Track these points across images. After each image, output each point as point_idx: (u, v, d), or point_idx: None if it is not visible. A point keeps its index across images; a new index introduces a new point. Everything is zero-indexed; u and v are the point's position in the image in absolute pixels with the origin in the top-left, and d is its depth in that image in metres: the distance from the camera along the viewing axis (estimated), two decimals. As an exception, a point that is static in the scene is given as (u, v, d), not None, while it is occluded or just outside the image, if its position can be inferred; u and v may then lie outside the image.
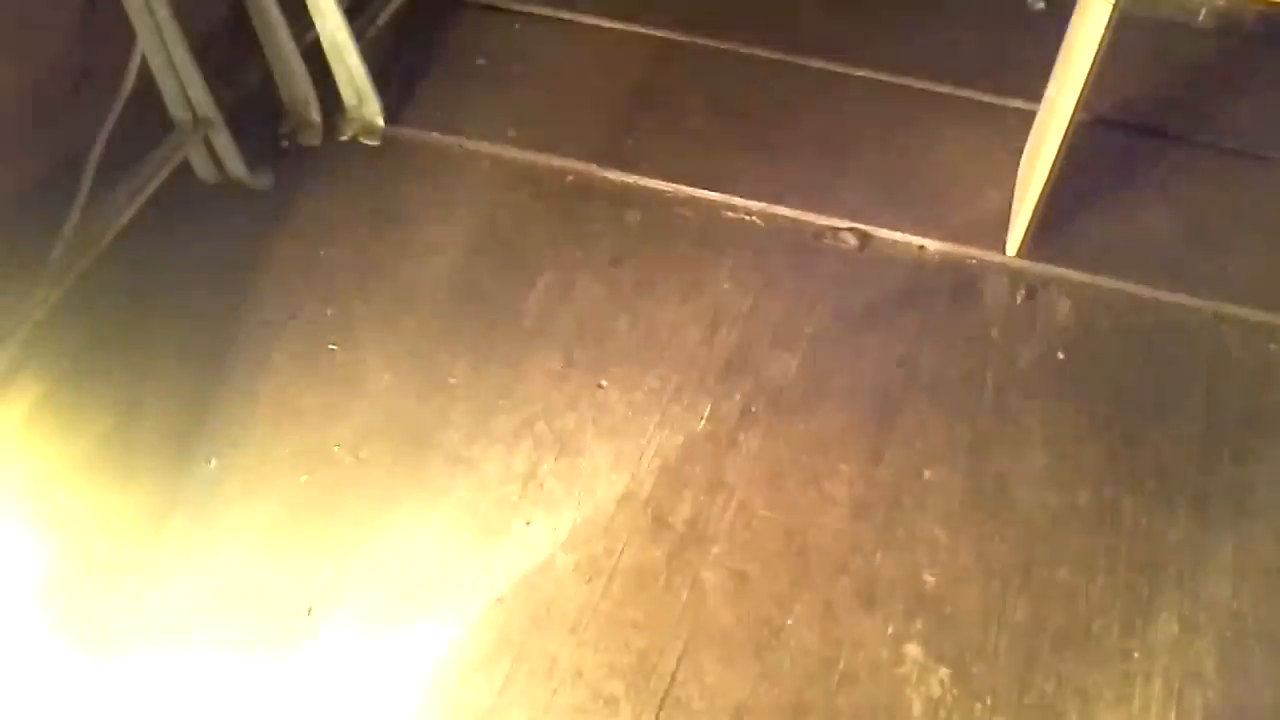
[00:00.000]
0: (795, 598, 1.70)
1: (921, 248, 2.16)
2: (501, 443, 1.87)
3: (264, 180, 2.25)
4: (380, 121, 2.34)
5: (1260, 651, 1.64)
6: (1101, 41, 1.71)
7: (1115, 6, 1.67)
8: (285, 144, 2.32)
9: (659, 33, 2.57)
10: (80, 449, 1.84)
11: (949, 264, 2.14)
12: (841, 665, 1.63)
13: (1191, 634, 1.66)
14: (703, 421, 1.90)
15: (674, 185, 2.25)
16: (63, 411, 1.88)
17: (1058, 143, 1.88)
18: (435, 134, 2.36)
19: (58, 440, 1.85)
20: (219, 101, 2.14)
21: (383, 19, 2.46)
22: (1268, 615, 1.67)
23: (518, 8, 2.63)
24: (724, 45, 2.54)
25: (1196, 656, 1.64)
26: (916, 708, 1.60)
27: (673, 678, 1.62)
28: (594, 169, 2.29)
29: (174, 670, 1.63)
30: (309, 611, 1.68)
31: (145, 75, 2.03)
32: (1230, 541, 1.75)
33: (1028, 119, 2.25)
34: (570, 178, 2.28)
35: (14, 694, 1.61)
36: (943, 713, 1.59)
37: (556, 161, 2.30)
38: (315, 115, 2.32)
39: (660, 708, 1.59)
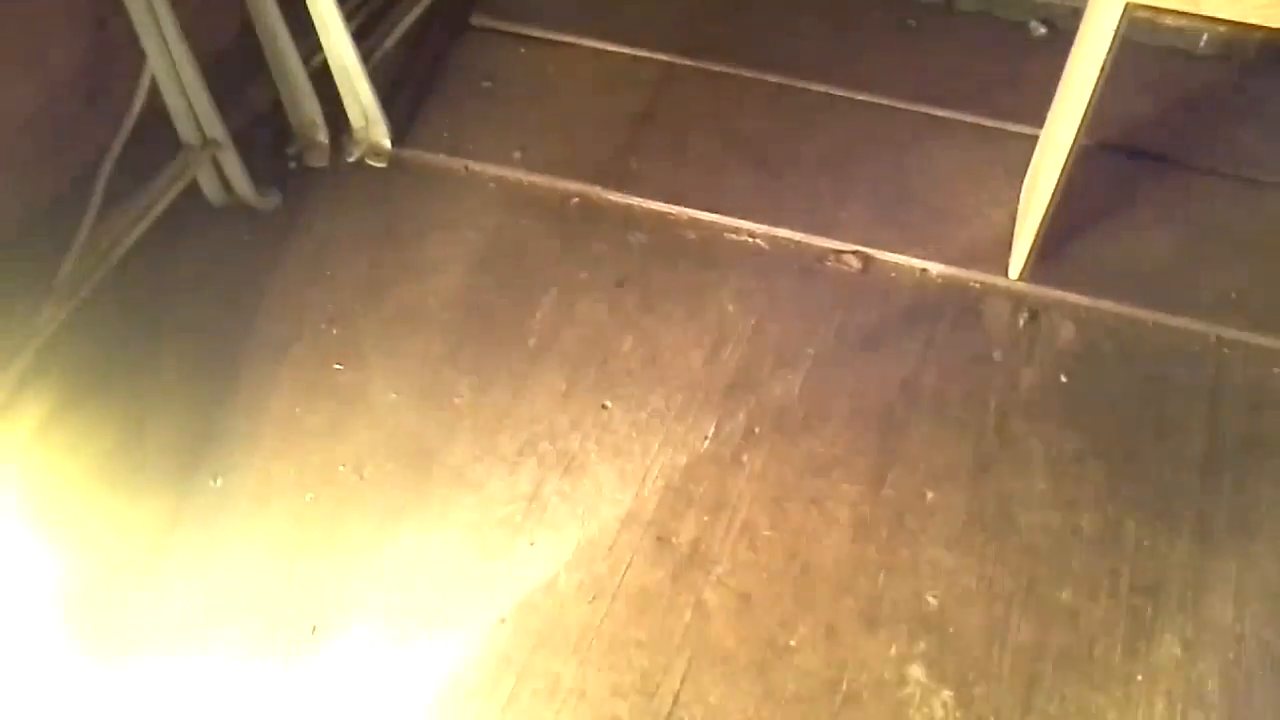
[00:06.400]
0: (798, 619, 1.70)
1: (924, 270, 2.17)
2: (505, 462, 1.88)
3: (271, 201, 2.26)
4: (387, 143, 2.36)
5: (1263, 674, 1.64)
6: (1103, 67, 1.73)
7: (1117, 33, 1.68)
8: (292, 165, 2.34)
9: (662, 57, 2.59)
10: (86, 466, 1.85)
11: (951, 287, 2.15)
12: (844, 686, 1.64)
13: (1194, 656, 1.66)
14: (706, 442, 1.91)
15: (678, 207, 2.27)
16: (69, 428, 1.89)
17: (1059, 167, 1.89)
18: (442, 155, 2.37)
19: (64, 456, 1.86)
20: (227, 122, 2.15)
21: (390, 42, 2.48)
22: (1271, 638, 1.67)
23: (523, 32, 2.65)
24: (727, 69, 2.56)
25: (1199, 679, 1.64)
26: (919, 729, 1.60)
27: (676, 698, 1.62)
28: (598, 191, 2.30)
29: (176, 686, 1.63)
30: (313, 630, 1.68)
31: (154, 96, 2.05)
32: (1233, 564, 1.76)
33: (1029, 143, 2.26)
34: (575, 199, 2.30)
35: (18, 702, 1.61)
36: (946, 734, 1.60)
37: (561, 183, 2.32)
38: (323, 136, 2.34)
39: (663, 728, 1.60)
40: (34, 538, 1.77)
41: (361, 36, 2.34)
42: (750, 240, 2.22)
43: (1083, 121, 1.81)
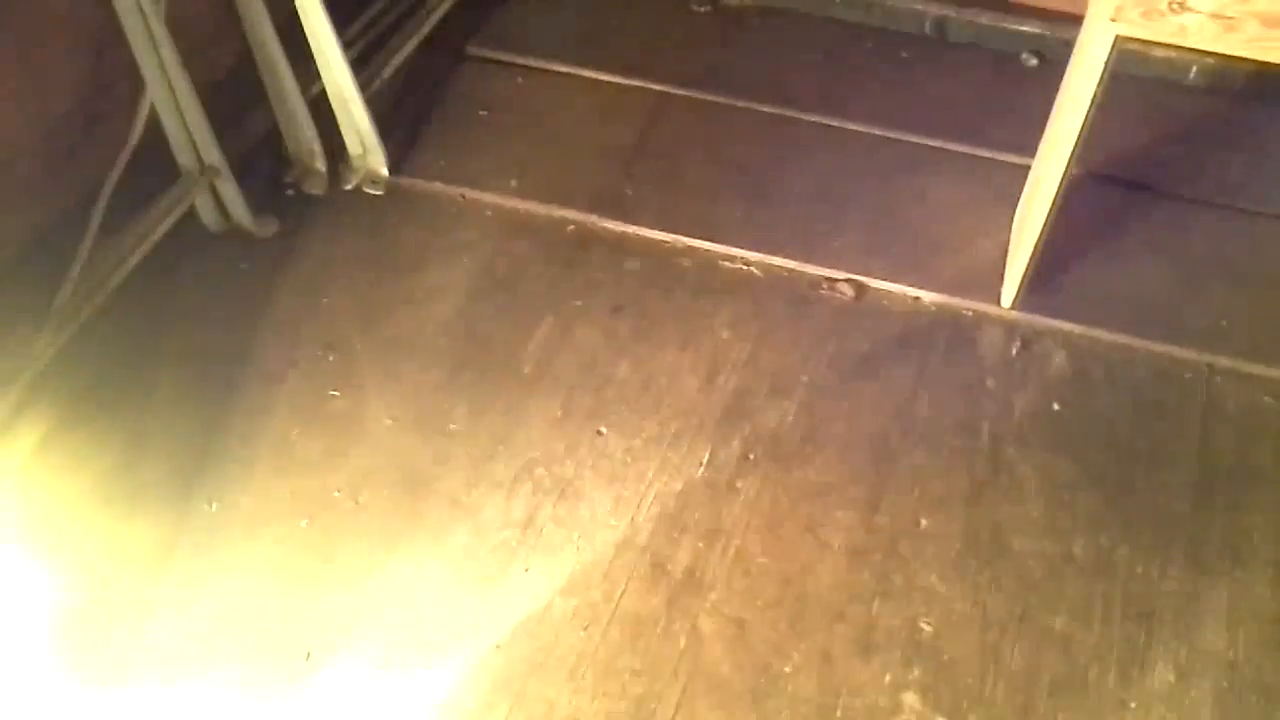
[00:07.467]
0: (793, 645, 1.71)
1: (917, 299, 2.19)
2: (501, 488, 1.88)
3: (268, 227, 2.27)
4: (384, 171, 2.38)
5: (1256, 701, 1.64)
6: (1093, 98, 1.75)
7: (1107, 64, 1.70)
8: (290, 192, 2.35)
9: (658, 86, 2.61)
10: (82, 490, 1.85)
11: (944, 315, 2.16)
12: (839, 713, 1.64)
13: (1187, 683, 1.66)
14: (701, 468, 1.91)
15: (673, 235, 2.28)
16: (66, 452, 1.89)
17: (1051, 197, 1.91)
18: (438, 183, 2.39)
19: (60, 480, 1.86)
20: (225, 150, 2.17)
21: (388, 71, 2.49)
22: (1263, 664, 1.68)
23: (519, 61, 2.67)
24: (721, 99, 2.58)
25: (1192, 706, 1.64)
26: (914, 756, 1.60)
27: (670, 724, 1.62)
28: (594, 219, 2.32)
29: (170, 710, 1.62)
30: (307, 656, 1.68)
31: (153, 123, 2.06)
32: (1225, 591, 1.76)
33: (1021, 173, 2.28)
34: (571, 227, 2.31)
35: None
36: (940, 761, 1.60)
37: (557, 211, 2.33)
38: (320, 164, 2.35)
39: (658, 754, 1.60)
40: (29, 561, 1.77)
41: (359, 65, 2.36)
42: (745, 268, 2.24)
43: (1074, 151, 1.83)
